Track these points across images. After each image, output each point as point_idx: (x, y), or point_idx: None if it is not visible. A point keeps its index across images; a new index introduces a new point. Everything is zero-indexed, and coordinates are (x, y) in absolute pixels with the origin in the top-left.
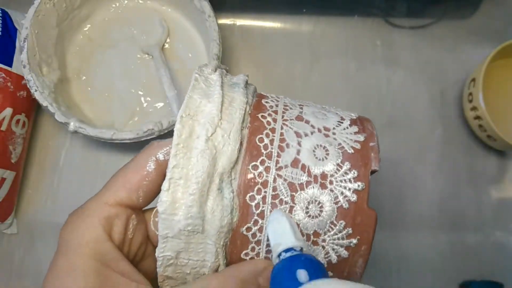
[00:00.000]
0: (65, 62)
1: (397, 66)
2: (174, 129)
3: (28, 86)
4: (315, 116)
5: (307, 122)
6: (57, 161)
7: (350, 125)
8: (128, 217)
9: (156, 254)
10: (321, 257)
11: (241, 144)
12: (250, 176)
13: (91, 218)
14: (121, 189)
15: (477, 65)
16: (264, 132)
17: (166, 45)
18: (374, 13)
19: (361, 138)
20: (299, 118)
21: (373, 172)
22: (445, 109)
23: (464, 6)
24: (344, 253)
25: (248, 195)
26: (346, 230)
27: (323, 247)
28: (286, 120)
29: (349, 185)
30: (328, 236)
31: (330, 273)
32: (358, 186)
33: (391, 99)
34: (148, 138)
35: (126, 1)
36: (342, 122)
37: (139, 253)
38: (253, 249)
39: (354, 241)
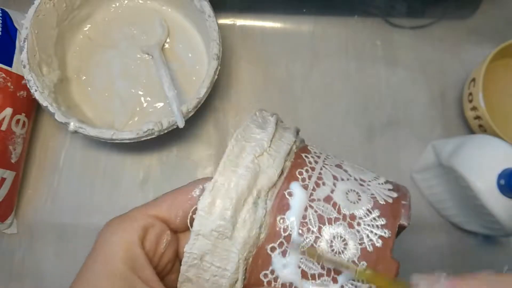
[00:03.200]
0: (65, 62)
1: (397, 66)
2: (227, 147)
3: (28, 86)
4: (353, 168)
5: (346, 171)
6: (57, 161)
7: (386, 182)
8: (162, 230)
9: (185, 249)
10: None
11: (282, 172)
12: (284, 200)
13: (130, 224)
14: (164, 205)
15: (477, 65)
16: (305, 168)
17: (166, 45)
18: (374, 13)
19: (394, 194)
20: (338, 166)
21: (401, 228)
22: (445, 109)
23: (464, 6)
24: None
25: (279, 216)
26: None
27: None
28: (326, 164)
29: (376, 230)
30: None
31: None
32: (385, 233)
33: (391, 99)
34: (148, 138)
35: (126, 1)
36: (378, 178)
37: (167, 268)
38: (272, 272)
39: (373, 287)
